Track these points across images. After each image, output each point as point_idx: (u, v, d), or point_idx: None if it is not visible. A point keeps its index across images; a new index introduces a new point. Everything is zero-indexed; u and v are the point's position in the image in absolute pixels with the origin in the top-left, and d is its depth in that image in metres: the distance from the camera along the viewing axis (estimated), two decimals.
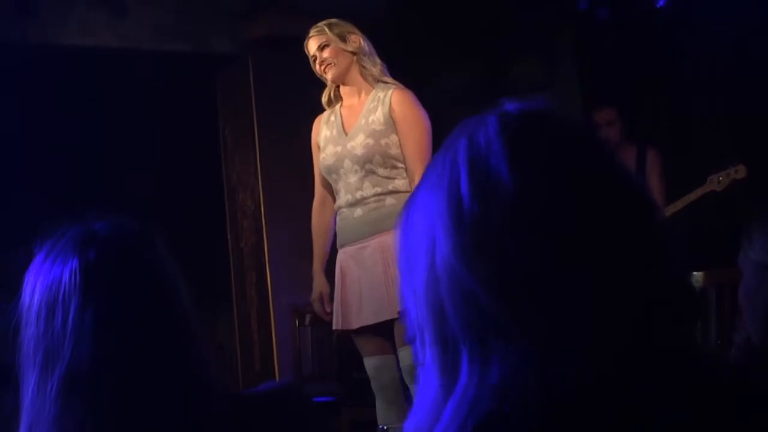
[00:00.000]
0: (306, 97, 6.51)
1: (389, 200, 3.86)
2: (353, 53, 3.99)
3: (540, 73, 6.96)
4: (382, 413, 3.98)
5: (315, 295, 4.08)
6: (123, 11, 5.97)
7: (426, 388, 0.92)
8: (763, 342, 1.95)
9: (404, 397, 3.92)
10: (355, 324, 3.91)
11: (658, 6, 6.40)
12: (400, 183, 3.87)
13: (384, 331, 3.87)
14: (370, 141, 3.87)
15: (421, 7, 6.74)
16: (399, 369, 3.89)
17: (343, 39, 3.99)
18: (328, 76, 4.01)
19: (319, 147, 4.08)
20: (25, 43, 5.72)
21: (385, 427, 3.80)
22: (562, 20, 6.90)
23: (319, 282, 4.07)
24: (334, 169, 3.97)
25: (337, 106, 4.08)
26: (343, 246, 3.98)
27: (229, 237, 6.77)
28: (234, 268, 6.75)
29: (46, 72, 6.08)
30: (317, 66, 4.03)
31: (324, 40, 3.99)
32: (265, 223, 6.48)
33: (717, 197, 5.16)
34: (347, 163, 3.91)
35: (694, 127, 6.48)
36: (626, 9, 6.60)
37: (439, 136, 4.01)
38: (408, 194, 3.82)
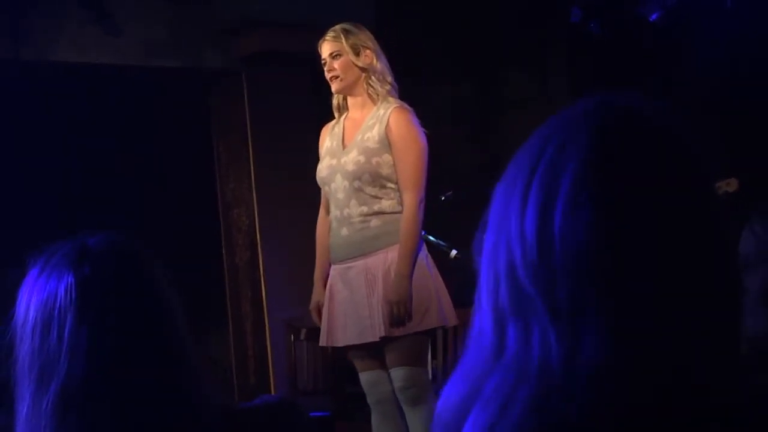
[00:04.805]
0: (299, 111, 6.55)
1: (374, 221, 3.82)
2: (363, 69, 3.90)
3: (531, 86, 6.98)
4: (378, 427, 3.96)
5: (312, 304, 4.02)
6: (115, 28, 5.97)
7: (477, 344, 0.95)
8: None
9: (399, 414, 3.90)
10: (341, 342, 3.90)
11: (651, 20, 6.42)
12: (387, 204, 3.83)
13: (376, 347, 3.84)
14: (362, 159, 3.83)
15: (412, 20, 6.76)
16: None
17: (356, 52, 3.88)
18: (333, 88, 3.94)
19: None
20: (17, 59, 5.72)
21: None
22: (554, 34, 6.92)
23: (318, 292, 4.01)
24: (327, 182, 3.94)
25: (343, 117, 4.01)
26: (334, 262, 3.94)
27: (224, 252, 6.76)
28: (229, 283, 6.74)
29: (38, 89, 6.08)
30: (326, 72, 3.94)
31: (337, 48, 3.89)
32: (260, 238, 6.48)
33: None
34: (338, 178, 3.88)
35: None
36: (618, 23, 6.62)
37: (432, 150, 4.02)
38: (394, 216, 3.83)
